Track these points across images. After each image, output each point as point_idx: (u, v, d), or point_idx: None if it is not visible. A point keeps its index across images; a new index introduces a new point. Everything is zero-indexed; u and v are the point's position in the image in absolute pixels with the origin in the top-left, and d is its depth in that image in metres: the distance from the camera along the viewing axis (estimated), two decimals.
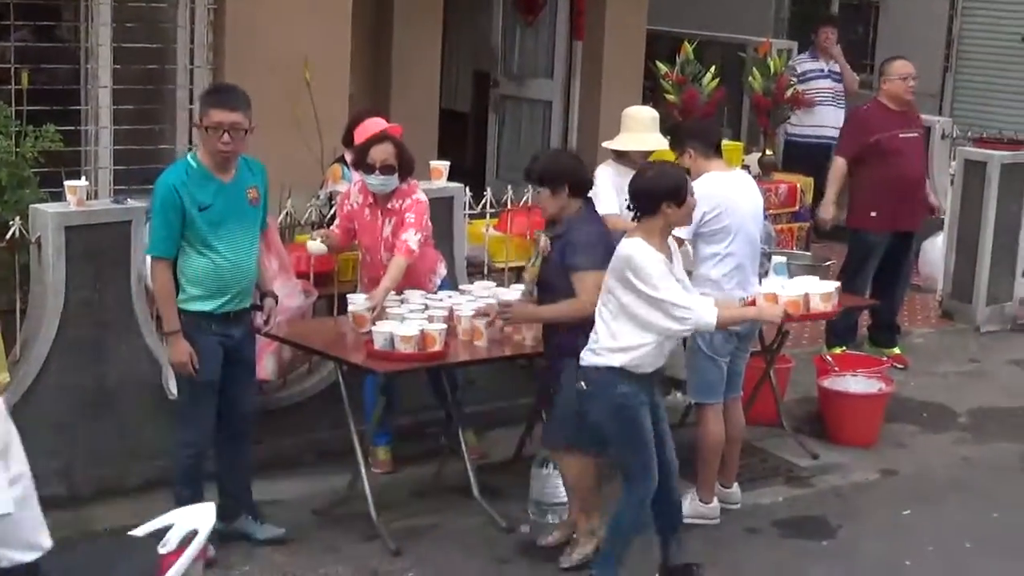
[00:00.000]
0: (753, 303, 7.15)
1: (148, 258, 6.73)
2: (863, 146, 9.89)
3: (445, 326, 6.94)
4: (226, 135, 6.39)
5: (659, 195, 6.28)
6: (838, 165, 10.05)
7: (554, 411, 6.88)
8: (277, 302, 6.94)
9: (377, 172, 7.33)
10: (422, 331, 6.81)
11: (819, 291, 7.67)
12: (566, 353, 6.62)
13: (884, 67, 10.24)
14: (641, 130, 8.17)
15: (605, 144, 8.38)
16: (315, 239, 7.49)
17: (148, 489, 7.12)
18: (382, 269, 7.40)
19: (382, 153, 7.32)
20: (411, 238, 7.32)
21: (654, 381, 6.49)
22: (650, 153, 8.09)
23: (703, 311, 6.31)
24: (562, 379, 6.68)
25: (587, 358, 6.39)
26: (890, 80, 10.01)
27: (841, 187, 10.06)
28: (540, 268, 6.80)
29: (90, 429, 7.18)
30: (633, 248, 6.24)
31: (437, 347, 6.84)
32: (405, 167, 7.41)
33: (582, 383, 6.42)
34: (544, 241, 6.73)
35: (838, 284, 8.02)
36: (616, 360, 6.30)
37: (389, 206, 7.47)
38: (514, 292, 7.44)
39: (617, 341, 6.29)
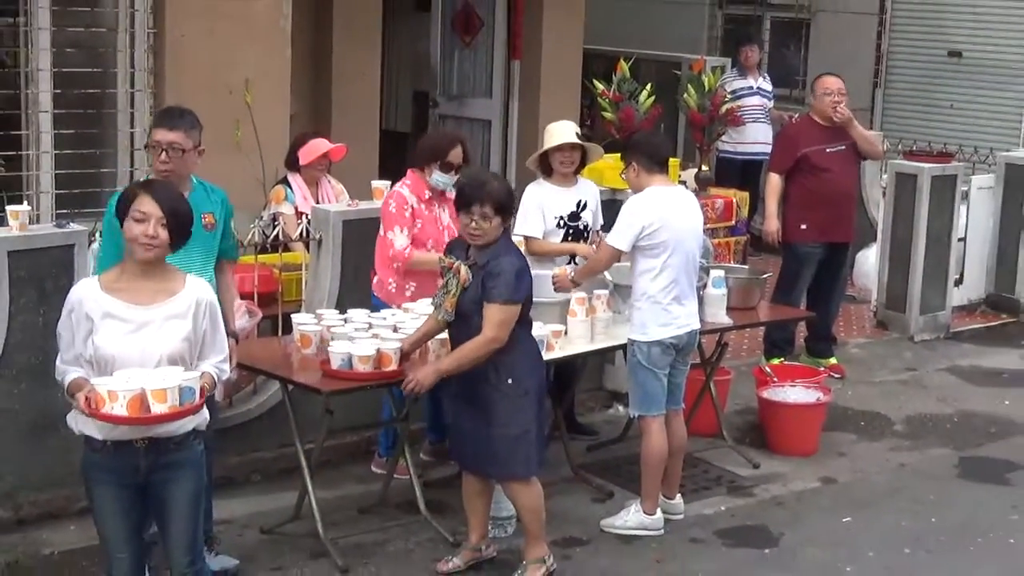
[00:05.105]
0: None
1: None
2: (792, 160, 9.94)
3: (399, 344, 6.84)
4: (164, 154, 6.30)
5: None
6: (773, 180, 10.07)
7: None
8: (237, 341, 6.72)
9: (453, 172, 7.69)
10: (378, 350, 6.76)
11: (153, 387, 5.22)
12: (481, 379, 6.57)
13: (814, 84, 10.30)
14: (554, 137, 8.13)
15: (528, 164, 8.42)
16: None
17: None
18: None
19: (459, 156, 7.78)
20: None
21: None
22: (579, 167, 8.16)
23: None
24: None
25: None
26: (816, 96, 10.08)
27: (779, 200, 10.10)
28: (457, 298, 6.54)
29: (36, 453, 7.10)
30: None
31: (393, 366, 6.77)
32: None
33: None
34: (465, 271, 6.46)
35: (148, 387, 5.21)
36: None
37: (445, 196, 7.80)
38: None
39: None
